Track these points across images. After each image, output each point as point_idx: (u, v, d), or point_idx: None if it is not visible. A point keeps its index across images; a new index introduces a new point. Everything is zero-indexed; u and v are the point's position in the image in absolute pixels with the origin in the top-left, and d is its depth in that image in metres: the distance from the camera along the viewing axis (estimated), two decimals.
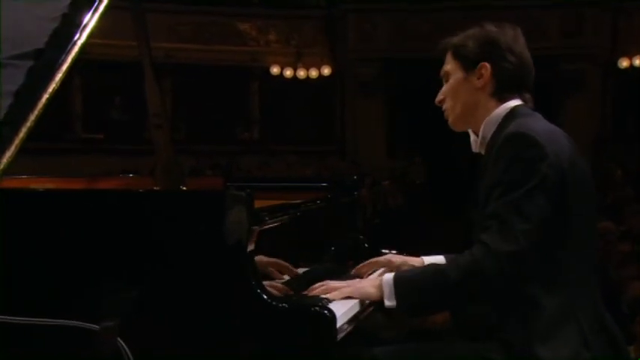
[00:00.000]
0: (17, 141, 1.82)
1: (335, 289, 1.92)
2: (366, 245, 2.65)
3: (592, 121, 11.44)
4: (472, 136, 2.01)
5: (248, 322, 1.74)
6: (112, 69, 10.19)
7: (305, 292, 1.96)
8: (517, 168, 1.76)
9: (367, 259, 2.25)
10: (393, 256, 2.16)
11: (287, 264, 2.10)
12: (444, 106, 2.03)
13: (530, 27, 7.88)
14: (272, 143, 12.02)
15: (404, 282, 1.84)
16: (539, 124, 1.85)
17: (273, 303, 1.73)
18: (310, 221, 2.37)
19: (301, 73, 12.08)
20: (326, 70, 12.12)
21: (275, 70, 12.02)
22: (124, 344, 1.67)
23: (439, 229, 7.25)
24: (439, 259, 2.14)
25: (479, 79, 1.94)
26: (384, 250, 2.46)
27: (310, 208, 2.39)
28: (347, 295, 1.92)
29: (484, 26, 1.96)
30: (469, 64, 1.95)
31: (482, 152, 1.96)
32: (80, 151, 10.64)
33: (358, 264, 2.23)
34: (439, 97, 2.04)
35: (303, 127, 12.33)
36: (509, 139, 1.80)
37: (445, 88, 2.03)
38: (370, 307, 1.96)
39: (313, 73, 12.10)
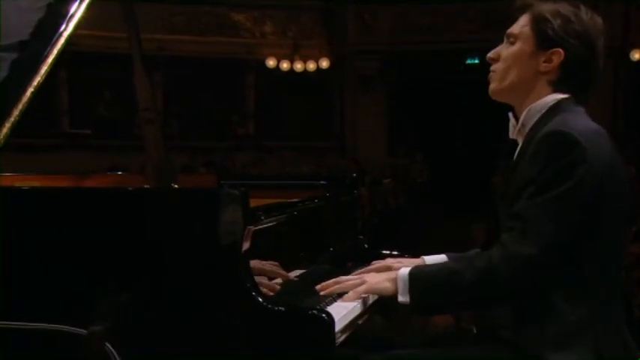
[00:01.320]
0: (0, 137, 1.82)
1: (350, 287, 1.92)
2: (365, 246, 2.65)
3: (603, 116, 11.45)
4: (511, 121, 1.95)
5: (242, 325, 1.74)
6: (100, 61, 10.18)
7: (317, 289, 1.95)
8: (553, 169, 1.72)
9: (367, 260, 2.26)
10: (393, 262, 2.16)
11: (279, 270, 2.09)
12: (493, 67, 1.93)
13: None
14: (268, 139, 12.02)
15: (419, 279, 1.84)
16: (581, 123, 1.79)
17: (269, 306, 1.73)
18: (308, 221, 2.37)
19: (298, 66, 12.08)
20: (324, 63, 12.12)
21: (271, 62, 12.02)
22: (112, 350, 1.67)
23: (441, 230, 7.26)
24: (441, 258, 2.14)
25: (546, 62, 1.85)
26: (384, 252, 2.46)
27: (308, 207, 2.39)
28: (363, 293, 1.92)
29: (578, 9, 1.86)
30: (544, 42, 1.85)
31: (519, 141, 1.92)
32: (67, 148, 10.63)
33: (358, 265, 2.23)
34: (493, 54, 1.93)
35: (301, 123, 12.33)
36: (549, 137, 1.75)
37: (505, 50, 1.91)
38: (371, 308, 1.96)
39: (311, 66, 12.10)
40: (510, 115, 1.96)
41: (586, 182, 1.72)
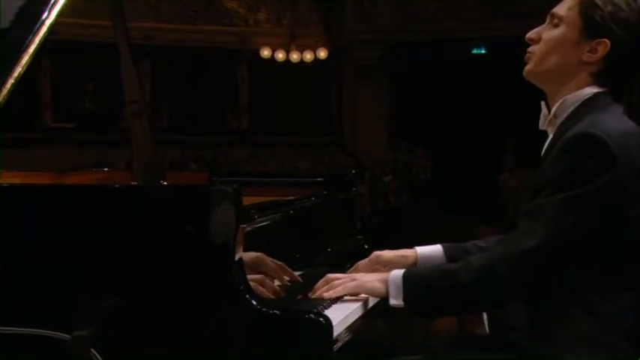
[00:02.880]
0: None
1: (338, 284, 1.93)
2: (365, 247, 2.65)
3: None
4: (544, 110, 1.92)
5: (235, 330, 1.75)
6: (84, 51, 10.17)
7: (309, 295, 1.96)
8: (577, 171, 1.72)
9: None
10: (382, 252, 2.16)
11: (290, 271, 2.10)
12: (532, 49, 1.90)
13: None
14: (262, 134, 12.01)
15: (413, 280, 1.84)
16: (614, 124, 1.77)
17: (264, 309, 1.73)
18: (304, 220, 2.37)
19: (294, 56, 12.07)
20: (322, 53, 12.12)
21: (266, 52, 12.01)
22: (98, 356, 1.67)
23: (445, 230, 7.27)
24: (435, 249, 2.14)
25: (590, 52, 1.82)
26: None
27: (304, 205, 2.39)
28: (351, 290, 1.92)
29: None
30: (591, 30, 1.81)
31: (549, 132, 1.91)
32: (49, 143, 10.62)
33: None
34: (534, 34, 1.89)
35: (297, 117, 12.32)
36: (577, 138, 1.74)
37: (547, 32, 1.88)
38: (371, 312, 1.97)
39: (308, 56, 12.10)
40: (543, 104, 1.93)
41: (609, 189, 1.71)
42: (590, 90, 1.85)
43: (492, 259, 1.77)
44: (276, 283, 2.08)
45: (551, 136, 1.90)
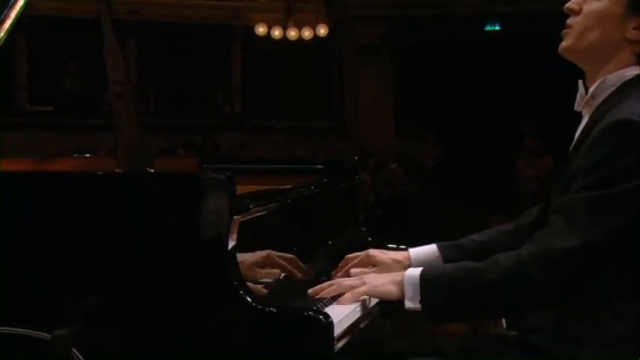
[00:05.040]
0: None
1: (348, 288, 1.92)
2: (369, 239, 2.66)
3: None
4: (580, 90, 1.91)
5: (228, 329, 1.75)
6: (64, 28, 10.15)
7: (310, 292, 1.96)
8: (615, 164, 1.70)
9: None
10: (375, 252, 2.17)
11: (301, 264, 2.11)
12: (571, 21, 1.87)
13: None
14: (257, 118, 12.01)
15: (432, 280, 1.83)
16: None
17: (259, 307, 1.74)
18: (302, 210, 2.38)
19: (292, 34, 12.05)
20: (321, 30, 12.10)
21: (261, 29, 11.99)
22: (79, 355, 1.68)
23: (455, 222, 7.28)
24: (429, 250, 2.14)
25: (635, 29, 1.81)
26: (390, 246, 2.47)
27: (302, 194, 2.39)
28: (363, 295, 1.92)
29: None
30: (638, 6, 1.81)
31: (585, 115, 1.89)
32: (25, 127, 10.61)
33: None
34: (575, 4, 1.87)
35: (295, 99, 12.32)
36: (616, 125, 1.72)
37: (590, 3, 1.86)
38: (375, 310, 1.97)
39: (306, 33, 12.07)
40: (580, 83, 1.92)
41: None
42: (633, 71, 1.84)
43: (524, 258, 1.75)
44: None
45: (586, 119, 1.88)
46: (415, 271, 1.86)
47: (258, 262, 2.01)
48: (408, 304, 1.84)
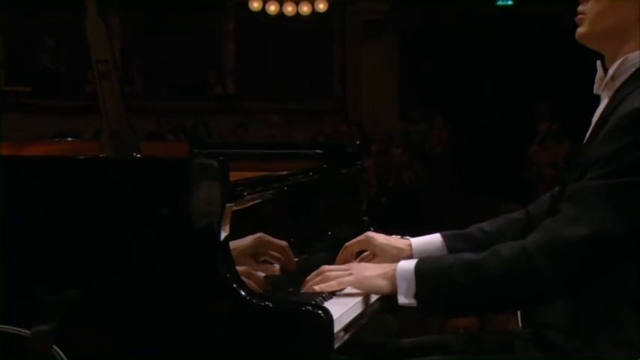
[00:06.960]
0: None
1: (333, 277, 1.92)
2: (371, 229, 2.66)
3: None
4: (599, 72, 1.93)
5: (221, 325, 1.76)
6: (43, 2, 10.12)
7: (303, 290, 1.96)
8: (634, 153, 1.71)
9: None
10: (375, 235, 2.16)
11: (291, 256, 2.12)
12: (583, 8, 1.90)
13: None
14: (252, 100, 12.00)
15: (428, 275, 1.83)
16: None
17: (254, 301, 1.74)
18: (300, 198, 2.38)
19: (289, 9, 12.02)
20: (321, 6, 12.07)
21: (255, 4, 11.96)
22: (61, 353, 1.69)
23: (465, 210, 7.30)
24: (433, 239, 2.14)
25: None
26: (394, 236, 2.48)
27: (300, 181, 2.40)
28: (347, 285, 1.92)
29: None
30: None
31: (604, 97, 1.91)
32: (2, 109, 10.60)
33: (362, 253, 2.25)
34: None
35: (292, 80, 12.31)
36: (637, 114, 1.72)
37: None
38: (377, 305, 1.98)
39: (305, 8, 12.05)
40: (599, 64, 1.94)
41: None
42: None
43: (528, 248, 1.75)
44: (276, 266, 2.10)
45: (605, 102, 1.90)
46: (409, 265, 1.85)
47: (249, 249, 2.01)
48: (402, 300, 1.84)
